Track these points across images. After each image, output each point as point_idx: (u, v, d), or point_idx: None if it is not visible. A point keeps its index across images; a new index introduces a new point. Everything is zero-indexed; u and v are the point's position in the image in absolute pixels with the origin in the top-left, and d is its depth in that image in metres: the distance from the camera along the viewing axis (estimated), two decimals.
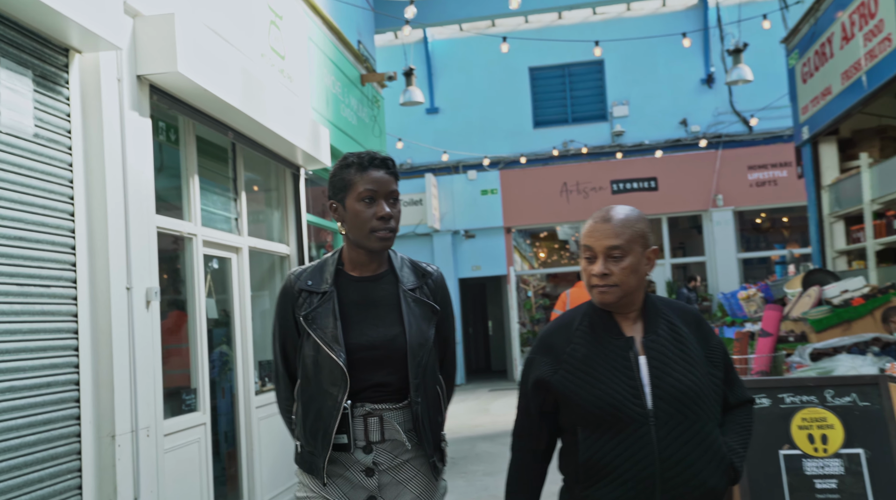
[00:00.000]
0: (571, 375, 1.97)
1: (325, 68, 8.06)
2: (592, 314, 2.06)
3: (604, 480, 1.92)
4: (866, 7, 7.12)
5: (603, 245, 1.98)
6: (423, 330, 2.26)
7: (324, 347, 2.17)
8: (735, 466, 1.98)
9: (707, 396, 1.96)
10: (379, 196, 2.22)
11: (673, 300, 2.15)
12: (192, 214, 5.20)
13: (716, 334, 2.09)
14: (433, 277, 2.38)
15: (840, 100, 7.99)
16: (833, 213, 9.11)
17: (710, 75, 15.32)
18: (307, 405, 2.22)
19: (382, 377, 2.20)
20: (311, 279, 2.28)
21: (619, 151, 15.56)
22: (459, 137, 16.10)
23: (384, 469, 2.21)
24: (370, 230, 2.21)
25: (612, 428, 1.91)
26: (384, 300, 2.27)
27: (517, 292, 15.50)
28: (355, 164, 2.24)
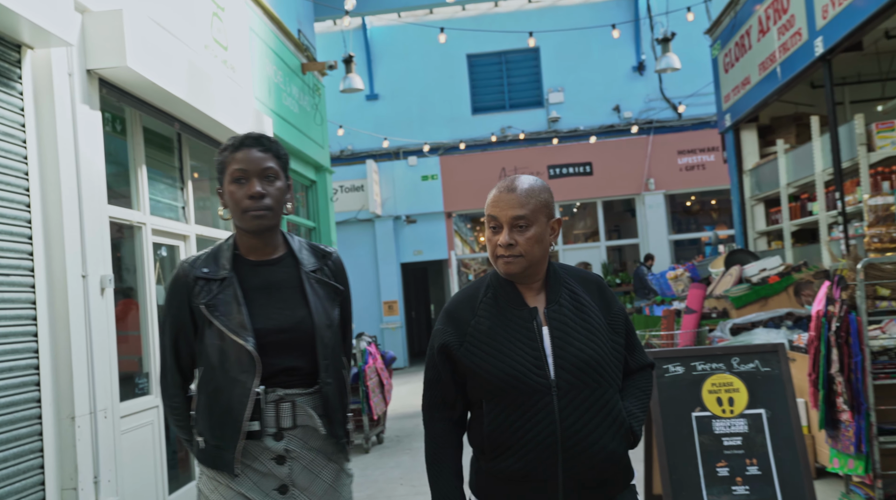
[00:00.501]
0: (476, 348, 1.98)
1: (266, 58, 8.20)
2: (496, 286, 2.06)
3: (508, 451, 1.94)
4: (780, 2, 7.60)
5: (508, 215, 1.98)
6: (328, 311, 2.23)
7: (229, 334, 2.11)
8: (633, 430, 2.02)
9: (608, 363, 1.99)
10: (251, 174, 2.15)
11: (575, 268, 2.17)
12: (141, 203, 5.34)
13: (617, 300, 2.13)
14: (332, 257, 2.35)
15: (758, 89, 8.50)
16: (754, 196, 9.67)
17: (640, 63, 15.85)
18: (213, 397, 2.14)
19: (291, 361, 2.16)
20: (207, 267, 2.21)
21: (555, 136, 15.99)
22: (399, 123, 16.31)
23: (295, 457, 2.17)
24: (243, 210, 2.15)
25: (516, 400, 1.93)
26: (286, 283, 2.22)
27: (458, 275, 15.85)
28: (230, 146, 2.19)
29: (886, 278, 4.02)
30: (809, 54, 6.94)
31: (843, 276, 4.16)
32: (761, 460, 3.67)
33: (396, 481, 6.16)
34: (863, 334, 3.98)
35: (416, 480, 6.09)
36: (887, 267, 4.06)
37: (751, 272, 8.02)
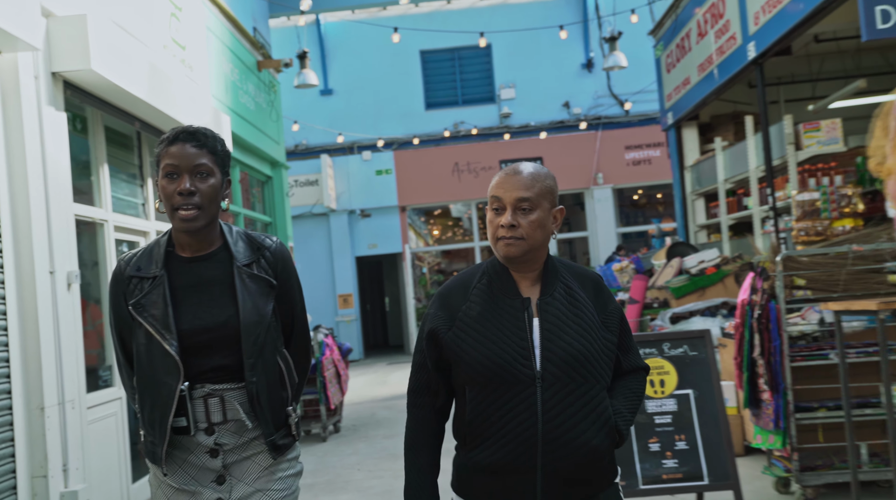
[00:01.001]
0: (463, 333, 1.97)
1: (223, 56, 8.34)
2: (492, 273, 2.05)
3: (488, 440, 1.93)
4: (717, 7, 8.01)
5: (512, 196, 1.95)
6: (258, 307, 2.16)
7: (155, 335, 2.09)
8: (619, 428, 1.99)
9: (597, 360, 1.97)
10: (182, 170, 2.08)
11: (574, 264, 2.14)
12: (104, 200, 5.50)
13: (614, 300, 2.10)
14: (271, 249, 2.26)
15: (697, 89, 8.92)
16: (694, 191, 10.13)
17: (589, 61, 16.27)
18: (144, 394, 2.15)
19: (218, 361, 2.13)
20: (141, 264, 2.17)
21: (506, 132, 16.33)
22: (353, 118, 16.48)
23: (229, 449, 2.16)
24: (173, 208, 2.09)
25: (499, 389, 1.92)
26: (217, 280, 2.17)
27: (413, 268, 16.11)
28: (165, 139, 2.13)
29: (802, 270, 4.40)
30: (743, 58, 7.35)
31: (765, 267, 4.54)
32: (689, 435, 4.03)
33: (353, 466, 6.42)
34: (781, 320, 4.37)
35: (373, 465, 6.36)
36: (803, 260, 4.45)
37: (690, 264, 8.44)
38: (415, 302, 15.99)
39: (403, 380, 11.97)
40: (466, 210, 17.49)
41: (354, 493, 5.57)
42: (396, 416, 8.68)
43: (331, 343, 8.04)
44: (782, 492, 4.61)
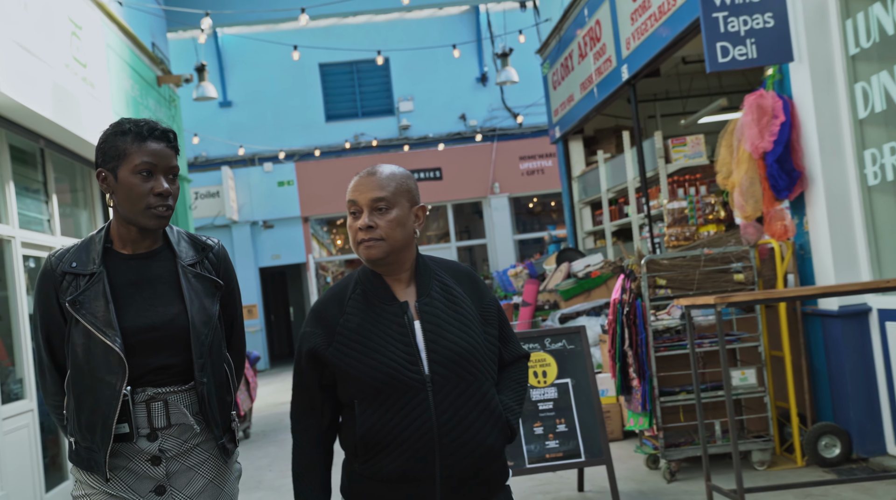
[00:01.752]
0: (346, 347, 1.91)
1: (123, 73, 8.46)
2: (364, 281, 1.99)
3: (382, 451, 1.88)
4: (594, 31, 8.70)
5: (367, 198, 1.92)
6: (205, 307, 2.12)
7: (95, 333, 2.01)
8: (511, 424, 1.97)
9: (483, 355, 1.94)
10: (158, 170, 2.06)
11: (445, 259, 2.12)
12: (10, 217, 5.62)
13: (490, 292, 2.08)
14: (214, 249, 2.24)
15: (580, 106, 9.62)
16: (581, 200, 10.84)
17: (483, 75, 16.96)
18: (81, 397, 2.04)
19: (164, 360, 2.06)
20: (76, 260, 2.09)
21: (406, 143, 16.81)
22: (254, 130, 16.60)
23: (172, 456, 2.07)
24: (146, 207, 2.04)
25: (390, 398, 1.87)
26: (161, 278, 2.12)
27: (317, 278, 16.35)
28: (132, 132, 2.08)
29: (663, 271, 5.02)
30: (618, 79, 8.04)
31: (633, 270, 5.14)
32: (568, 419, 4.56)
33: (265, 468, 6.70)
34: (646, 316, 4.97)
35: (284, 466, 6.66)
36: (664, 262, 5.07)
37: (577, 268, 9.11)
38: None
39: None
40: None
41: (267, 491, 5.87)
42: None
43: None
44: (652, 468, 5.21)
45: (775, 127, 4.81)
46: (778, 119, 4.82)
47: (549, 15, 10.69)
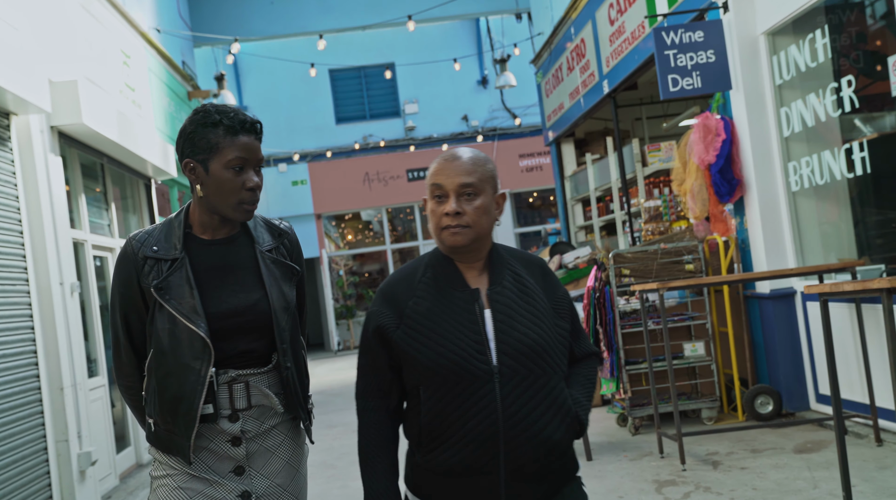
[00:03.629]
0: (413, 331, 1.86)
1: (161, 92, 9.54)
2: (436, 265, 1.94)
3: (446, 442, 1.82)
4: (580, 48, 9.74)
5: (455, 183, 1.86)
6: (284, 293, 2.13)
7: (181, 318, 2.02)
8: (580, 418, 1.90)
9: (554, 349, 1.87)
10: (249, 165, 2.06)
11: (517, 250, 2.05)
12: (83, 224, 6.71)
13: (561, 285, 2.02)
14: (289, 236, 2.24)
15: (570, 113, 10.66)
16: (573, 197, 11.89)
17: (484, 78, 18.00)
18: (164, 381, 2.06)
19: (247, 345, 2.09)
20: (157, 245, 2.09)
21: (411, 144, 17.87)
22: (269, 133, 17.63)
23: (251, 437, 2.09)
24: (238, 202, 2.06)
25: (456, 387, 1.81)
26: (241, 264, 2.12)
27: (330, 271, 17.45)
28: (224, 125, 2.04)
29: (627, 263, 6.09)
30: (601, 92, 9.08)
31: (603, 262, 6.21)
32: None
33: None
34: (614, 300, 6.04)
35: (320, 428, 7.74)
36: (628, 255, 6.13)
37: (567, 260, 10.17)
38: (333, 302, 17.35)
39: (326, 373, 13.34)
40: (376, 214, 18.93)
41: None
42: (328, 400, 10.06)
43: None
44: (621, 425, 6.29)
45: (718, 143, 5.86)
46: (720, 137, 5.87)
47: (541, 29, 11.72)
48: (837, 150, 5.21)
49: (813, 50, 5.34)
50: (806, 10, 5.35)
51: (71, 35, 6.49)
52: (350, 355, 16.41)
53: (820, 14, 5.34)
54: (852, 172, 5.10)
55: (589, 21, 9.22)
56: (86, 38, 6.91)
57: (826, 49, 5.23)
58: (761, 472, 4.60)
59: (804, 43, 5.45)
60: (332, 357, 16.47)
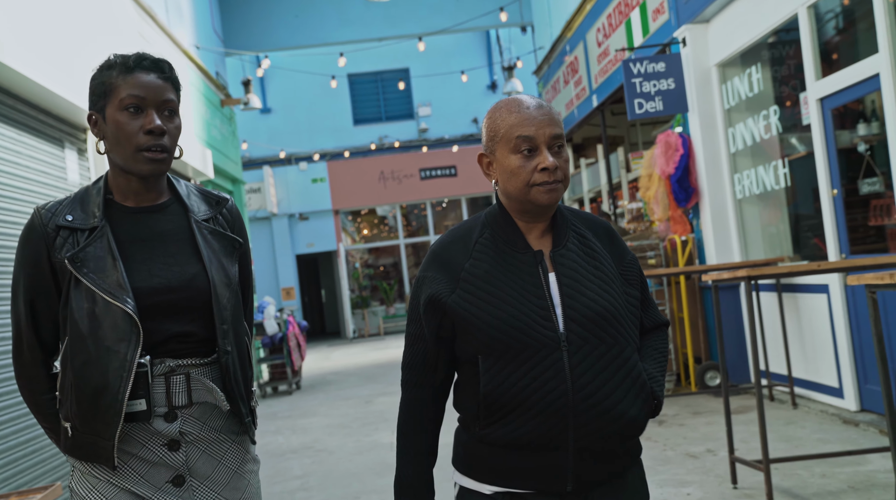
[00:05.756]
0: (471, 295, 1.67)
1: (199, 102, 10.71)
2: (494, 225, 1.73)
3: (509, 415, 1.64)
4: (574, 64, 10.82)
5: (548, 134, 1.64)
6: (224, 268, 1.86)
7: (102, 294, 1.71)
8: (657, 394, 1.72)
9: (625, 317, 1.69)
10: (148, 104, 1.77)
11: (581, 210, 1.86)
12: None
13: (630, 250, 1.83)
14: (228, 205, 1.98)
15: (566, 121, 11.74)
16: (571, 197, 12.97)
17: (493, 83, 19.09)
18: (83, 372, 1.72)
19: (182, 326, 1.78)
20: (72, 213, 1.79)
21: (424, 144, 18.99)
22: (290, 133, 18.86)
23: (192, 440, 1.79)
24: (136, 148, 1.75)
25: (520, 355, 1.62)
26: (173, 234, 1.84)
27: (346, 264, 18.64)
28: (118, 65, 1.79)
29: None
30: (591, 105, 10.16)
31: None
32: None
33: (317, 405, 8.97)
34: None
35: (330, 405, 8.91)
36: None
37: None
38: (349, 293, 18.55)
39: (343, 357, 14.54)
40: (391, 209, 20.08)
41: (322, 417, 8.13)
42: (343, 379, 11.24)
43: (292, 321, 10.54)
44: None
45: (677, 157, 6.94)
46: (678, 152, 6.94)
47: (542, 44, 12.79)
48: (767, 166, 6.29)
49: (751, 82, 6.41)
50: (750, 46, 6.40)
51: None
52: (364, 342, 17.60)
53: (763, 48, 6.40)
54: (779, 184, 6.18)
55: (581, 41, 10.29)
56: None
57: (759, 82, 6.30)
58: (695, 427, 5.70)
59: (744, 76, 6.52)
60: (347, 344, 17.66)
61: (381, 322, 18.83)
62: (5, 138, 5.07)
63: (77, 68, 5.86)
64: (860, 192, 5.28)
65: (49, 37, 5.47)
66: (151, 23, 8.59)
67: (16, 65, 4.78)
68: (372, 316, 19.09)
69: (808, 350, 5.83)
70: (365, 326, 18.91)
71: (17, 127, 5.28)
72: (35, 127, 5.61)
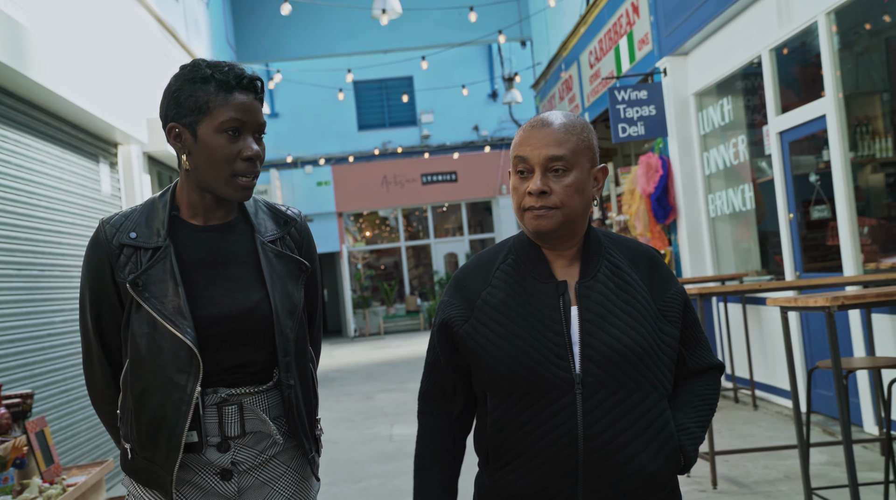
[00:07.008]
0: (483, 326, 1.56)
1: None
2: (519, 250, 1.62)
3: (513, 462, 1.52)
4: (568, 82, 11.44)
5: (542, 155, 1.52)
6: (289, 293, 1.76)
7: (163, 322, 1.64)
8: (685, 449, 1.55)
9: (653, 358, 1.53)
10: (247, 129, 1.68)
11: (624, 237, 1.70)
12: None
13: (676, 281, 1.65)
14: (297, 223, 1.87)
15: None
16: None
17: (494, 92, 19.73)
18: (142, 399, 1.67)
19: (242, 357, 1.71)
20: (136, 230, 1.70)
21: (426, 150, 19.63)
22: (297, 137, 19.50)
23: (245, 470, 1.73)
24: (232, 174, 1.67)
25: (528, 396, 1.50)
26: (238, 257, 1.74)
27: (349, 265, 19.28)
28: (216, 80, 1.66)
29: None
30: None
31: None
32: None
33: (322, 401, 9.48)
34: None
35: (332, 402, 9.54)
36: None
37: None
38: (351, 293, 19.20)
39: (346, 354, 15.17)
40: (393, 211, 20.71)
41: (326, 411, 8.76)
42: (346, 376, 11.87)
43: None
44: None
45: (657, 177, 7.57)
46: (658, 173, 7.57)
47: (540, 59, 13.42)
48: (736, 189, 6.92)
49: (723, 111, 7.04)
50: (723, 79, 7.03)
51: (159, 76, 8.29)
52: (364, 341, 18.23)
53: (735, 81, 7.02)
54: (745, 206, 6.80)
55: (575, 61, 10.92)
56: (167, 77, 8.73)
57: (730, 112, 6.92)
58: None
59: (717, 106, 7.14)
60: (348, 342, 18.30)
61: (382, 322, 19.46)
62: (50, 156, 5.70)
63: (109, 88, 6.49)
64: (811, 217, 5.91)
65: (83, 59, 6.07)
66: (173, 41, 9.24)
67: (60, 89, 5.40)
68: (373, 316, 19.73)
69: (768, 357, 6.45)
70: (366, 325, 19.54)
71: (59, 145, 5.91)
72: (74, 144, 6.25)
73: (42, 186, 5.50)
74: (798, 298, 3.21)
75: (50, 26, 5.64)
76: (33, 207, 5.31)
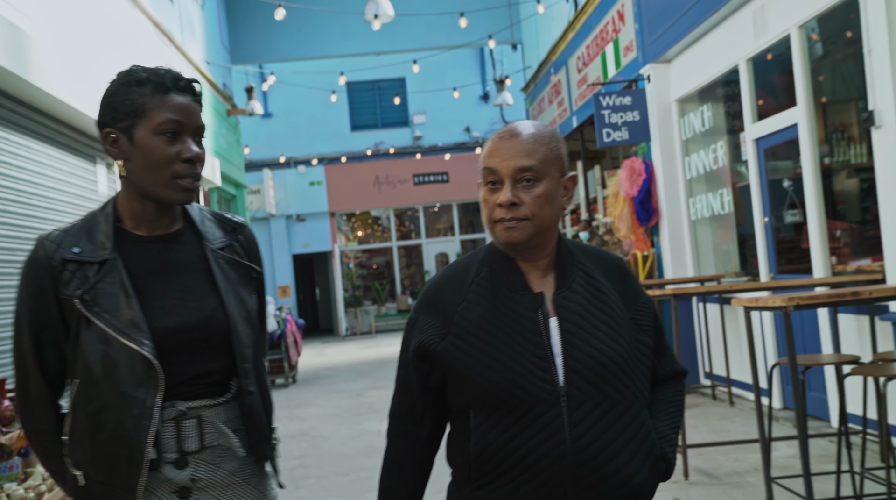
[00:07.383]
0: (462, 342, 1.54)
1: (208, 113, 11.51)
2: (492, 262, 1.60)
3: (502, 477, 1.50)
4: (557, 86, 11.65)
5: (511, 166, 1.52)
6: (243, 299, 1.74)
7: (116, 336, 1.58)
8: (667, 457, 1.59)
9: (633, 367, 1.55)
10: (185, 131, 1.64)
11: (592, 246, 1.70)
12: None
13: (644, 291, 1.68)
14: (245, 230, 1.84)
15: None
16: None
17: (485, 93, 19.93)
18: (97, 419, 1.60)
19: (200, 367, 1.66)
20: (79, 245, 1.64)
21: (418, 151, 19.82)
22: (290, 138, 19.67)
23: (204, 487, 1.66)
24: (172, 176, 1.61)
25: (513, 411, 1.49)
26: (187, 265, 1.70)
27: (341, 264, 19.46)
28: (151, 82, 1.62)
29: None
30: (571, 125, 11.00)
31: None
32: None
33: (312, 397, 9.79)
34: None
35: (325, 396, 9.73)
36: None
37: None
38: (343, 291, 19.39)
39: (337, 353, 15.36)
40: (385, 211, 20.91)
41: (317, 408, 8.95)
42: (337, 374, 12.06)
43: (289, 319, 11.36)
44: None
45: (640, 181, 7.78)
46: (641, 177, 7.78)
47: (530, 63, 13.63)
48: (715, 193, 7.14)
49: (703, 118, 7.26)
50: (703, 87, 7.24)
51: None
52: (356, 339, 18.42)
53: (716, 88, 7.24)
54: (724, 210, 7.02)
55: (564, 66, 11.13)
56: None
57: (710, 119, 7.15)
58: None
59: (698, 112, 7.36)
60: (340, 341, 18.49)
61: (373, 321, 19.64)
62: (49, 157, 5.89)
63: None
64: (785, 221, 6.13)
65: (81, 62, 6.24)
66: (169, 43, 9.41)
67: (59, 93, 5.58)
68: (364, 315, 19.91)
69: (744, 355, 6.68)
70: (357, 324, 19.72)
71: (57, 146, 6.09)
72: (72, 145, 6.43)
73: (41, 186, 5.67)
74: (759, 298, 3.42)
75: (49, 31, 5.81)
76: (33, 207, 5.49)
